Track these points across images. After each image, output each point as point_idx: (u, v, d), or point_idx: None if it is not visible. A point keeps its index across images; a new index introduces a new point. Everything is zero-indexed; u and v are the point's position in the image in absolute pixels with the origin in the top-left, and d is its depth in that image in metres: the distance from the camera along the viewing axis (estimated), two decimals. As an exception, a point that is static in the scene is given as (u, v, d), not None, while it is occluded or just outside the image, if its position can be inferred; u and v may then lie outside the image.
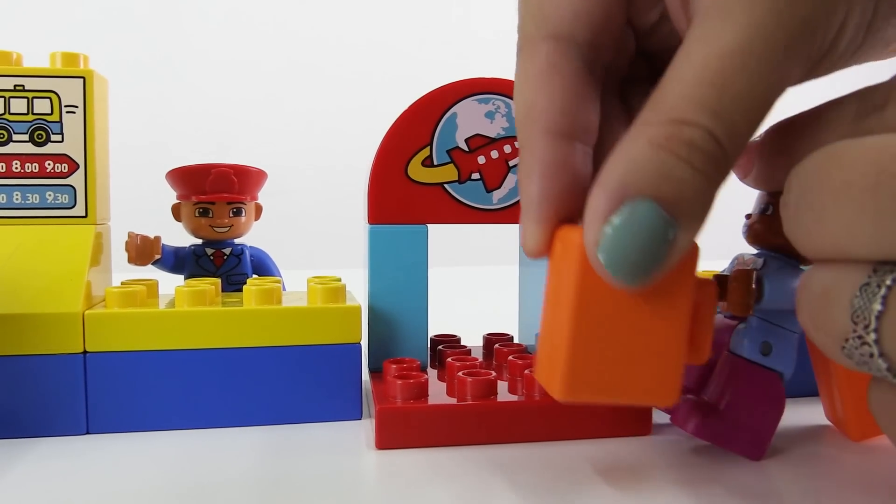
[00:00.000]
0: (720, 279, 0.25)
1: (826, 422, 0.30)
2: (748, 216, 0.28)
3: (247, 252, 0.39)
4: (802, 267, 0.26)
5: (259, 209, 0.40)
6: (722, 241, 0.28)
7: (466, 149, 0.33)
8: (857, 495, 0.24)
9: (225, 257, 0.39)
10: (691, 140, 0.18)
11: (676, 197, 0.18)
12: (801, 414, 0.32)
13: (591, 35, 0.22)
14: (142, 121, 1.24)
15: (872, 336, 0.17)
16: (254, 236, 0.41)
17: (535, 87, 0.22)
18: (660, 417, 0.31)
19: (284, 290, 0.37)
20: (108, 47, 1.20)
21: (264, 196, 0.40)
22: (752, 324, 0.27)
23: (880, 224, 0.17)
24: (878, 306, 0.17)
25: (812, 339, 0.19)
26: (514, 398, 0.29)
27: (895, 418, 0.19)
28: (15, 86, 0.31)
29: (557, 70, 0.22)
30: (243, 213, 0.38)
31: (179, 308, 0.30)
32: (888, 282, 0.17)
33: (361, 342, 0.31)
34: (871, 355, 0.17)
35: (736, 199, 0.28)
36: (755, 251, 0.28)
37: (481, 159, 0.33)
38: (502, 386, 0.31)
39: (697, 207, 0.18)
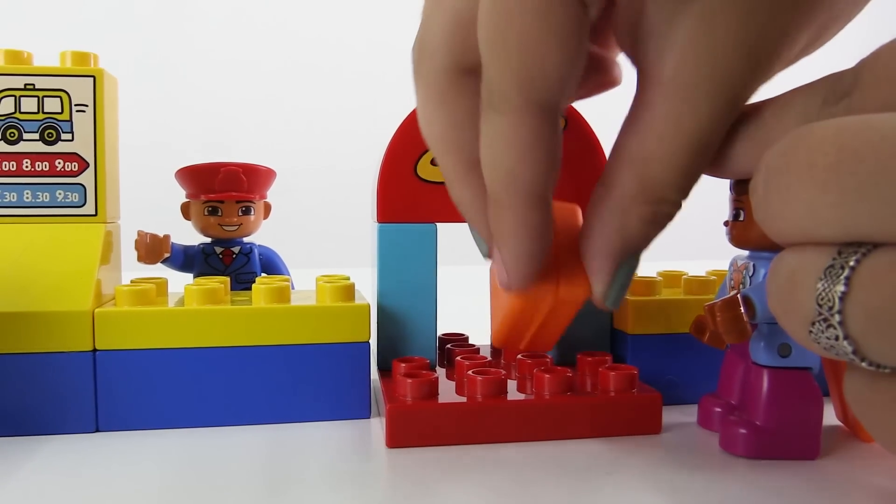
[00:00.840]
0: (710, 309, 0.26)
1: (837, 422, 0.30)
2: (726, 223, 0.28)
3: (256, 251, 0.39)
4: None
5: (268, 208, 0.40)
6: (723, 242, 0.28)
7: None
8: (865, 498, 0.24)
9: (234, 256, 0.39)
10: (670, 213, 0.23)
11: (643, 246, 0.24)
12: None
13: (567, 95, 0.22)
14: (152, 120, 1.24)
15: (837, 318, 0.17)
16: (263, 235, 0.41)
17: (520, 157, 0.22)
18: (669, 417, 0.31)
19: (294, 288, 0.38)
20: (118, 47, 1.21)
21: (274, 195, 0.40)
22: (763, 330, 0.27)
23: (842, 203, 0.17)
24: (841, 288, 0.17)
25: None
26: (524, 397, 0.29)
27: (868, 406, 0.19)
28: (25, 85, 0.31)
29: (542, 141, 0.22)
30: (252, 212, 0.38)
31: (189, 306, 0.30)
32: (851, 262, 0.17)
33: (370, 341, 0.31)
34: (837, 338, 0.17)
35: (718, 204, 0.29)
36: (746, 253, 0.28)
37: (490, 158, 0.33)
38: (511, 384, 0.31)
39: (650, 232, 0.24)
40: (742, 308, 0.25)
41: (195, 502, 0.23)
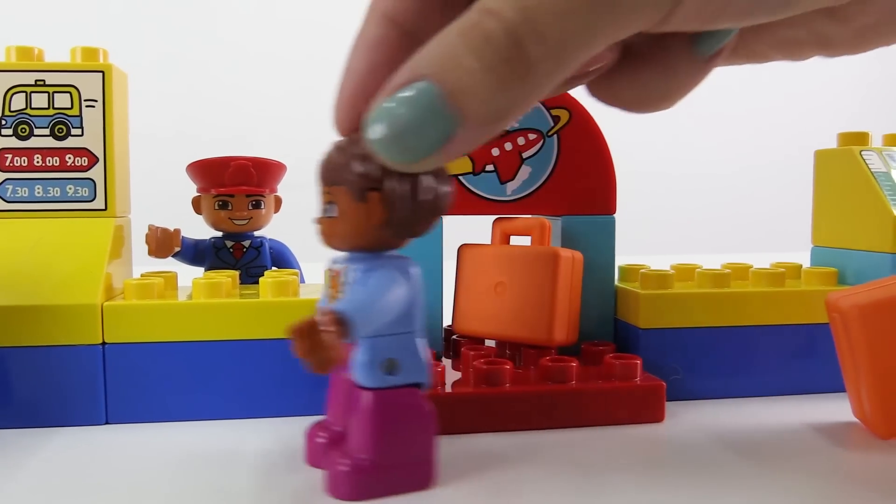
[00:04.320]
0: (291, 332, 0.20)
1: (854, 419, 0.30)
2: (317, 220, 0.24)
3: (266, 244, 0.40)
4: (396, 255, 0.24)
5: (278, 202, 0.40)
6: (718, 241, 0.28)
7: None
8: (879, 494, 0.23)
9: (244, 249, 0.39)
10: (489, 33, 0.17)
11: (458, 87, 0.17)
12: (830, 411, 0.31)
13: None
14: (163, 114, 1.24)
15: None
16: (276, 229, 0.41)
17: None
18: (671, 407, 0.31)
19: (303, 282, 0.38)
20: (131, 41, 1.22)
21: (287, 189, 0.41)
22: (364, 345, 0.23)
23: None
24: None
25: None
26: (529, 386, 0.29)
27: None
28: (36, 81, 0.32)
29: None
30: (262, 206, 0.39)
31: (196, 300, 0.30)
32: None
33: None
34: None
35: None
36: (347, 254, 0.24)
37: (495, 151, 0.33)
38: (517, 375, 0.31)
39: (482, 107, 0.18)
40: (333, 328, 0.20)
41: (201, 493, 0.24)
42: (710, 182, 1.67)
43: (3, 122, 0.32)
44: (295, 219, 0.43)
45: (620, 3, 0.17)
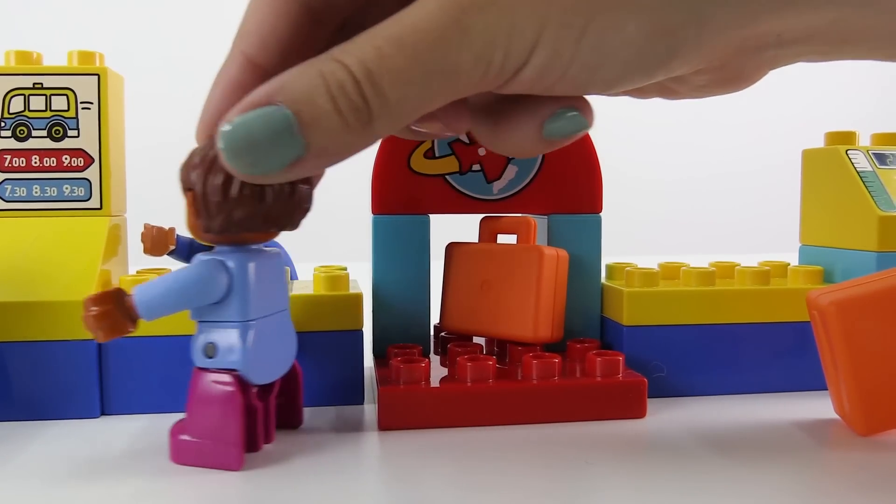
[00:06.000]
0: (86, 302, 0.24)
1: (835, 416, 0.30)
2: None
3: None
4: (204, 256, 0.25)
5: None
6: (710, 241, 0.28)
7: (467, 140, 0.33)
8: (857, 490, 0.24)
9: (239, 248, 0.40)
10: (342, 82, 0.20)
11: (310, 121, 0.20)
12: (812, 408, 0.32)
13: None
14: (159, 116, 1.26)
15: None
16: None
17: (253, 10, 0.23)
18: (654, 403, 0.31)
19: (296, 278, 0.38)
20: (128, 43, 1.23)
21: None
22: (196, 329, 0.26)
23: None
24: None
25: None
26: (512, 382, 0.30)
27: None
28: (34, 84, 0.33)
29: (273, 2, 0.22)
30: (257, 206, 0.39)
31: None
32: None
33: (364, 329, 0.32)
34: None
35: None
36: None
37: (481, 151, 0.34)
38: (502, 371, 0.31)
39: (327, 143, 0.20)
40: (109, 304, 0.24)
41: (195, 484, 0.24)
42: (702, 182, 1.67)
43: (2, 124, 0.32)
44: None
45: (455, 71, 0.19)
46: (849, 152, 0.37)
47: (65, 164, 0.33)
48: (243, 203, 0.23)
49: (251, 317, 0.25)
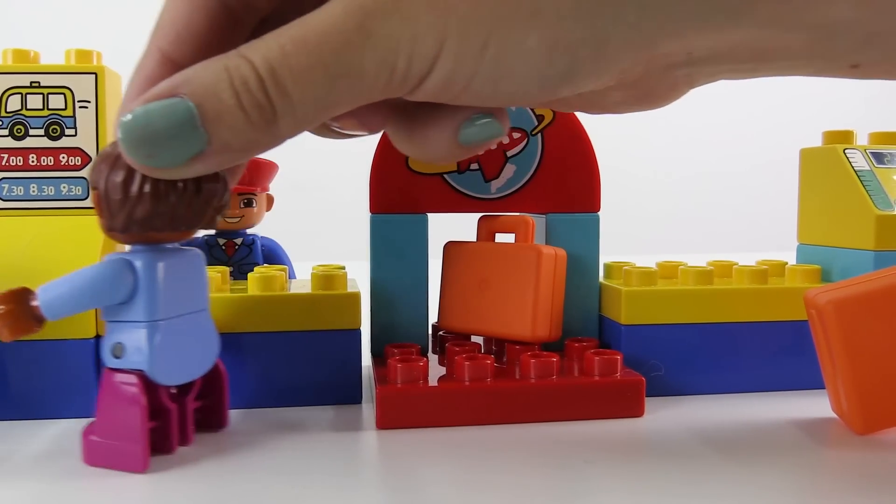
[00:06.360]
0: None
1: (833, 414, 0.30)
2: None
3: (258, 242, 0.40)
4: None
5: (270, 200, 0.41)
6: (708, 240, 0.28)
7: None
8: (854, 489, 0.24)
9: (236, 247, 0.40)
10: (246, 79, 0.19)
11: (214, 115, 0.20)
12: (810, 407, 0.32)
13: None
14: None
15: None
16: (279, 229, 0.42)
17: (169, 5, 0.23)
18: (652, 402, 0.31)
19: (294, 277, 0.38)
20: (126, 42, 1.23)
21: (288, 190, 0.41)
22: (106, 329, 0.26)
23: None
24: None
25: None
26: (510, 381, 0.30)
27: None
28: (31, 83, 0.32)
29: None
30: (254, 204, 0.39)
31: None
32: None
33: (362, 328, 0.32)
34: None
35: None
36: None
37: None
38: (500, 370, 0.31)
39: (230, 138, 0.20)
40: (32, 302, 0.24)
41: (190, 482, 0.24)
42: (700, 181, 1.67)
43: (0, 123, 0.32)
44: (300, 219, 0.43)
45: (359, 75, 0.19)
46: (846, 151, 0.37)
47: (62, 163, 0.33)
48: (144, 201, 0.23)
49: (159, 317, 0.25)
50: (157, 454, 0.26)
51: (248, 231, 0.40)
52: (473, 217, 0.35)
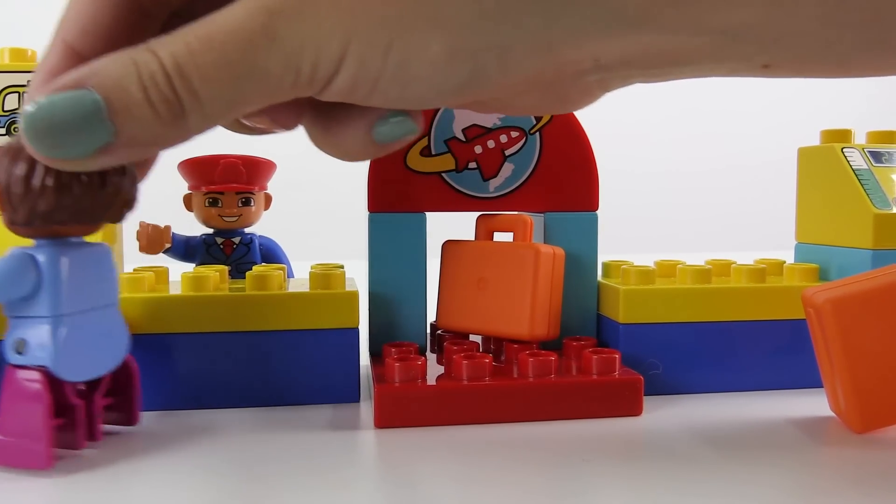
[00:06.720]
0: None
1: (831, 413, 0.30)
2: None
3: (256, 241, 0.40)
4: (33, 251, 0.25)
5: (268, 199, 0.41)
6: (707, 239, 0.28)
7: (463, 139, 0.33)
8: (852, 487, 0.24)
9: (234, 246, 0.40)
10: (154, 73, 0.19)
11: (121, 108, 0.19)
12: (808, 406, 0.32)
13: None
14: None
15: None
16: (277, 228, 0.42)
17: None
18: (651, 401, 0.31)
19: (293, 276, 0.38)
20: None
21: (288, 189, 0.41)
22: (9, 325, 0.25)
23: None
24: None
25: None
26: (508, 379, 0.30)
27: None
28: (29, 81, 0.32)
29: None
30: (252, 203, 0.39)
31: (184, 293, 0.31)
32: None
33: (360, 327, 0.32)
34: None
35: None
36: None
37: (478, 149, 0.34)
38: (498, 368, 0.31)
39: (137, 132, 0.20)
40: None
41: (189, 480, 0.24)
42: (698, 180, 1.67)
43: (-3, 122, 0.32)
44: (300, 218, 0.43)
45: (264, 75, 0.19)
46: (844, 150, 0.37)
47: (60, 162, 0.33)
48: (46, 194, 0.22)
49: (63, 312, 0.25)
50: (65, 451, 0.26)
51: (247, 230, 0.40)
52: (472, 216, 0.35)
